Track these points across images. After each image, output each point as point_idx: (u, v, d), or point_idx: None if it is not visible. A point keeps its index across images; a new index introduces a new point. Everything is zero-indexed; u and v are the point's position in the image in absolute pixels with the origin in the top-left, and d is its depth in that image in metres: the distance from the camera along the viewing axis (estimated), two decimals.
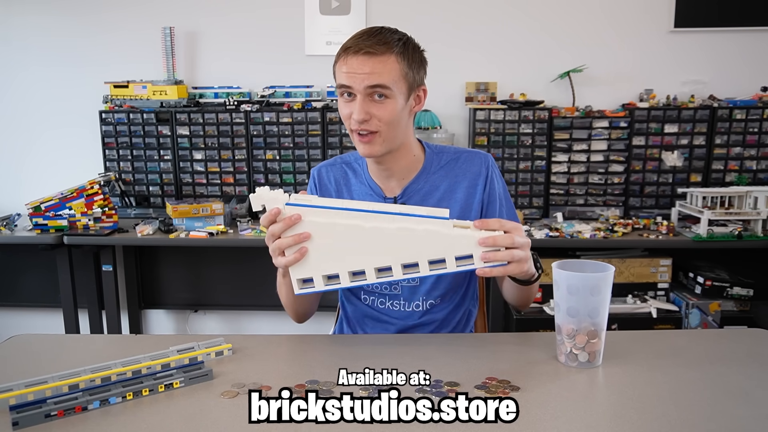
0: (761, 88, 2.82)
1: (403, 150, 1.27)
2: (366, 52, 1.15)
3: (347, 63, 1.16)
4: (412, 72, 1.20)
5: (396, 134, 1.21)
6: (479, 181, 1.30)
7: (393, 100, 1.17)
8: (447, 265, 1.02)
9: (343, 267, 1.04)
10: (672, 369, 1.03)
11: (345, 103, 1.20)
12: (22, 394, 0.90)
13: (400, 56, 1.17)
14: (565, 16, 2.89)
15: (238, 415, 0.88)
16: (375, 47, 1.15)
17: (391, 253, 1.03)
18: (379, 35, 1.17)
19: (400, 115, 1.19)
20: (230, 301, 3.09)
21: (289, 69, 2.95)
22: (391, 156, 1.25)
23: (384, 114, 1.17)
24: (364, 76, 1.14)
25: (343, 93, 1.19)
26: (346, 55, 1.17)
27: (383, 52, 1.15)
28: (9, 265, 3.08)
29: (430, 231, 1.02)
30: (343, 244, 1.03)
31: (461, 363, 1.05)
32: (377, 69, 1.15)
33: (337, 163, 1.38)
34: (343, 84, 1.17)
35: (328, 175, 1.36)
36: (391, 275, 1.04)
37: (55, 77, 3.04)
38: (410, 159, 1.30)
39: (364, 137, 1.19)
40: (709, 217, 2.42)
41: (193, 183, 2.91)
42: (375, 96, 1.16)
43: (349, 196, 1.34)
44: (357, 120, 1.16)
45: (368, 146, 1.20)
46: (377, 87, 1.15)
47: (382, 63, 1.15)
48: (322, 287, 1.06)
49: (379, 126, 1.17)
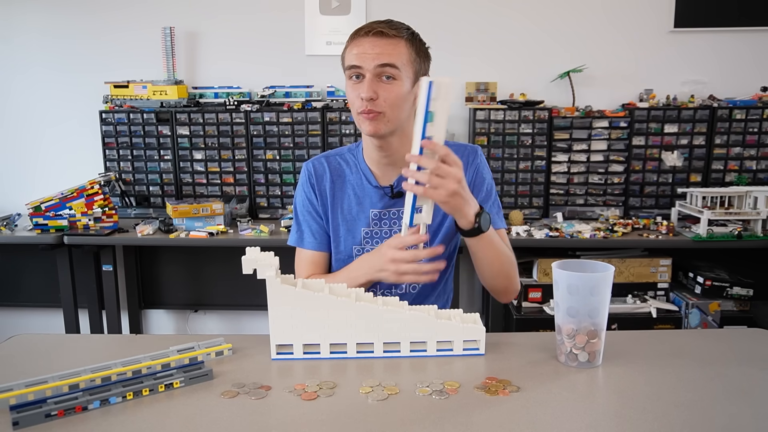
0: (761, 88, 2.82)
1: (405, 137, 1.30)
2: (377, 32, 1.21)
3: (359, 44, 1.22)
4: (419, 59, 1.26)
5: (400, 116, 1.25)
6: (467, 170, 1.34)
7: (400, 82, 1.22)
8: (428, 348, 1.08)
9: (324, 338, 1.07)
10: (672, 369, 1.03)
11: (353, 86, 1.24)
12: (22, 394, 0.91)
13: (408, 42, 1.24)
14: (565, 16, 2.89)
15: (238, 415, 0.88)
16: (387, 29, 1.22)
17: (375, 332, 1.07)
18: (390, 22, 1.24)
19: (406, 97, 1.24)
20: (230, 301, 3.09)
21: (289, 69, 2.95)
22: (393, 141, 1.29)
23: (390, 95, 1.21)
24: (374, 55, 1.20)
25: (352, 75, 1.24)
26: (357, 37, 1.23)
27: (394, 35, 1.22)
28: (9, 265, 3.08)
29: (416, 317, 1.07)
30: (329, 315, 1.06)
31: (461, 363, 1.06)
32: (387, 49, 1.20)
33: (330, 155, 1.42)
34: (354, 64, 1.22)
35: (322, 167, 1.40)
36: (371, 352, 1.08)
37: (55, 77, 3.04)
38: (409, 147, 1.32)
39: (369, 115, 1.22)
40: (709, 217, 2.42)
41: (193, 183, 2.91)
42: (383, 77, 1.21)
43: (343, 186, 1.38)
44: (365, 98, 1.20)
45: (373, 123, 1.23)
46: (387, 66, 1.20)
47: (393, 45, 1.21)
48: (301, 356, 1.08)
49: (383, 107, 1.22)
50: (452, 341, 1.08)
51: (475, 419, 0.86)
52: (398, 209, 1.35)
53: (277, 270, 1.06)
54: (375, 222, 1.36)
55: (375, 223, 1.36)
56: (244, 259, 1.05)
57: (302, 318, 1.06)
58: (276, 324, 1.07)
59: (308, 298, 1.06)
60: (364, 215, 1.36)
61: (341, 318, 1.06)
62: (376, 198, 1.36)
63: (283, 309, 1.06)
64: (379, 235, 1.36)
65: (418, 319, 1.07)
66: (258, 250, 1.06)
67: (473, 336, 1.08)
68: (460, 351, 1.08)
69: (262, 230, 2.52)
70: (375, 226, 1.36)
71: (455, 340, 1.08)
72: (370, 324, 1.07)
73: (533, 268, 2.57)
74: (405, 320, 1.07)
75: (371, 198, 1.36)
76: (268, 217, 2.88)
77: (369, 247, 1.36)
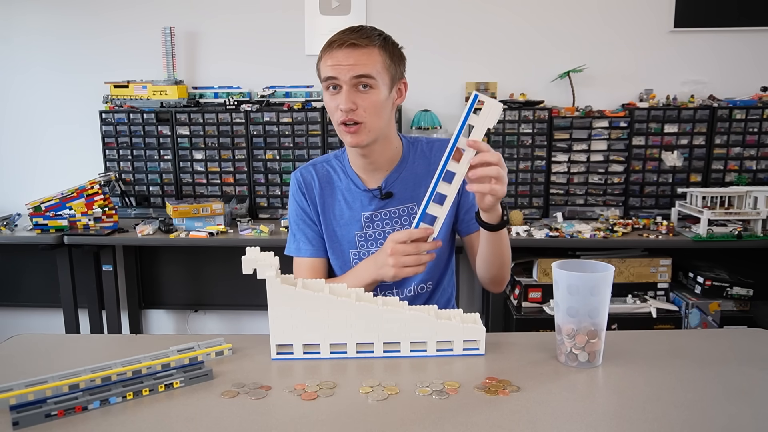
0: (761, 88, 2.82)
1: (387, 142, 1.33)
2: (350, 44, 1.21)
3: (332, 56, 1.22)
4: (394, 64, 1.27)
5: (380, 124, 1.27)
6: None
7: (377, 90, 1.23)
8: (428, 348, 1.08)
9: (324, 338, 1.07)
10: (672, 369, 1.03)
11: (331, 96, 1.25)
12: (22, 394, 0.91)
13: (381, 49, 1.24)
14: (565, 16, 2.89)
15: (238, 415, 0.88)
16: (359, 40, 1.22)
17: (375, 332, 1.07)
18: (361, 31, 1.24)
19: (384, 104, 1.26)
20: (230, 301, 3.09)
21: (289, 69, 2.95)
22: (376, 148, 1.31)
23: (368, 104, 1.23)
24: (349, 67, 1.21)
25: (329, 86, 1.25)
26: (330, 50, 1.23)
27: (366, 44, 1.22)
28: (9, 265, 3.08)
29: (416, 317, 1.08)
30: (329, 315, 1.06)
31: (461, 363, 1.06)
32: (362, 60, 1.21)
33: (317, 163, 1.43)
34: (330, 76, 1.23)
35: (311, 175, 1.41)
36: (371, 352, 1.08)
37: (55, 77, 3.04)
38: (393, 151, 1.37)
39: (350, 128, 1.24)
40: (709, 217, 2.42)
41: (193, 183, 2.91)
42: (360, 87, 1.22)
43: (332, 192, 1.39)
44: (344, 109, 1.21)
45: (355, 136, 1.25)
46: (362, 77, 1.21)
47: (366, 54, 1.22)
48: (300, 356, 1.08)
49: (363, 116, 1.23)
50: (452, 341, 1.08)
51: (475, 419, 0.86)
52: (389, 210, 1.37)
53: (277, 270, 1.06)
54: (368, 225, 1.37)
55: (368, 226, 1.37)
56: (244, 259, 1.05)
57: (302, 318, 1.06)
58: (276, 324, 1.07)
59: (308, 298, 1.06)
60: (356, 219, 1.38)
61: (341, 318, 1.06)
62: (366, 201, 1.37)
63: (283, 309, 1.06)
64: (373, 236, 1.37)
65: (418, 319, 1.07)
66: (258, 250, 1.06)
67: (473, 336, 1.08)
68: (460, 351, 1.08)
69: (262, 230, 2.52)
70: (368, 229, 1.37)
71: (455, 340, 1.08)
72: (370, 324, 1.07)
73: (533, 268, 2.57)
74: (405, 320, 1.07)
75: (361, 201, 1.37)
76: (268, 217, 2.89)
77: (365, 250, 1.37)
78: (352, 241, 1.38)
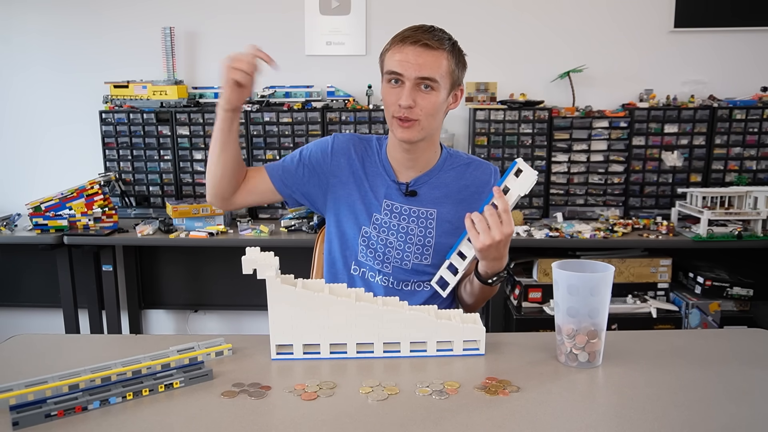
0: (761, 88, 2.82)
1: (430, 144, 1.36)
2: (423, 44, 1.23)
3: (402, 51, 1.24)
4: (457, 70, 1.29)
5: (433, 125, 1.30)
6: (485, 190, 1.37)
7: (437, 92, 1.26)
8: (428, 348, 1.08)
9: (324, 338, 1.07)
10: (672, 369, 1.03)
11: (391, 89, 1.27)
12: (22, 394, 0.90)
13: (450, 54, 1.26)
14: (565, 16, 2.89)
15: (238, 415, 0.88)
16: (432, 41, 1.24)
17: (375, 332, 1.07)
18: (433, 32, 1.26)
19: (440, 107, 1.29)
20: (230, 301, 3.09)
21: (289, 69, 2.95)
22: (420, 146, 1.33)
23: (427, 104, 1.25)
24: (417, 66, 1.23)
25: (391, 80, 1.27)
26: (402, 44, 1.25)
27: (437, 47, 1.24)
28: (9, 265, 3.08)
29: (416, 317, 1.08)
30: (329, 315, 1.06)
31: (461, 363, 1.06)
32: (430, 62, 1.23)
33: (361, 138, 1.45)
34: (395, 71, 1.25)
35: (346, 144, 1.42)
36: (371, 352, 1.08)
37: (55, 77, 3.04)
38: (432, 154, 1.39)
39: (404, 123, 1.26)
40: (709, 217, 2.42)
41: (193, 183, 2.91)
42: (422, 86, 1.24)
43: (363, 170, 1.40)
44: (404, 106, 1.24)
45: (407, 131, 1.27)
46: (427, 79, 1.23)
47: (435, 57, 1.24)
48: (300, 356, 1.08)
49: (420, 115, 1.26)
50: (452, 341, 1.08)
51: (475, 419, 0.86)
52: (409, 207, 1.38)
53: (277, 270, 1.06)
54: (386, 212, 1.38)
55: (386, 213, 1.38)
56: (244, 259, 1.05)
57: (302, 318, 1.06)
58: (276, 324, 1.07)
59: (308, 298, 1.06)
60: (378, 203, 1.39)
61: (341, 318, 1.06)
62: (392, 191, 1.39)
63: (283, 309, 1.06)
64: (388, 225, 1.38)
65: (418, 319, 1.07)
66: (258, 250, 1.06)
67: (473, 336, 1.08)
68: (460, 351, 1.08)
69: (261, 230, 2.52)
70: (386, 216, 1.38)
71: (455, 340, 1.08)
72: (370, 324, 1.07)
73: (533, 268, 2.57)
74: (405, 320, 1.07)
75: (387, 189, 1.39)
76: (268, 217, 2.88)
77: (376, 234, 1.38)
78: (368, 220, 1.39)
